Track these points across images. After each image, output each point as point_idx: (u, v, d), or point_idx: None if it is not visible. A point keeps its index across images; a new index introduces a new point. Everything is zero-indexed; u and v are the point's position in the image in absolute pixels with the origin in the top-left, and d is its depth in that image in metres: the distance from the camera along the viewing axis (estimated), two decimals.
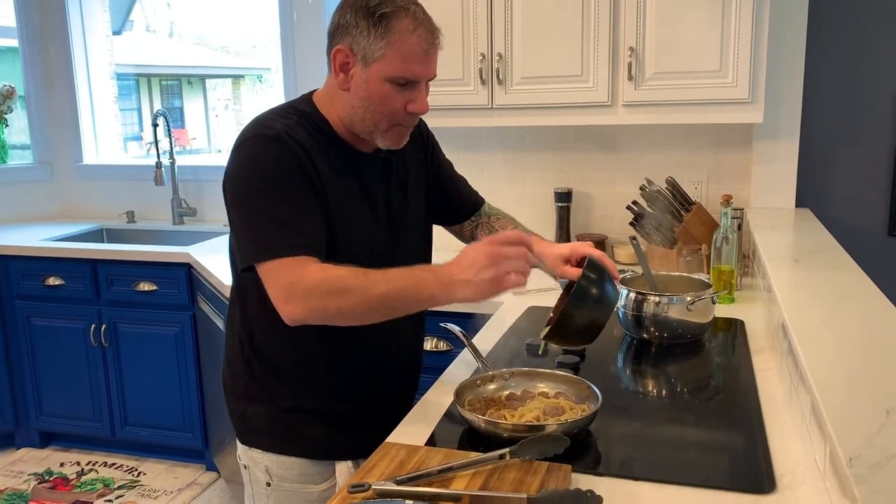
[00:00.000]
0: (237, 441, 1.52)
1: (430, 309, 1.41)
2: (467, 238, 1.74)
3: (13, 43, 3.80)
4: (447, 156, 1.71)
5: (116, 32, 4.26)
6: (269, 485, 1.46)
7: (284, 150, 1.30)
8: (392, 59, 1.29)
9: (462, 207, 1.71)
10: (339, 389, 1.47)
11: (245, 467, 1.51)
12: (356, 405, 1.49)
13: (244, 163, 1.32)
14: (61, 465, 3.33)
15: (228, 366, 1.53)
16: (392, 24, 1.28)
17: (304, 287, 1.24)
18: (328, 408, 1.46)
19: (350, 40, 1.30)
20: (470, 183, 1.75)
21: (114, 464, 3.32)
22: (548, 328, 1.49)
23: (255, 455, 1.47)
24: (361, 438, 1.43)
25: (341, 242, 1.37)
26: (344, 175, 1.39)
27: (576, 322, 1.43)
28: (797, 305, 1.49)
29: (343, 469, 1.47)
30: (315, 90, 1.46)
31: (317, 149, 1.35)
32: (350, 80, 1.33)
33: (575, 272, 1.47)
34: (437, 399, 1.49)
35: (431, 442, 1.30)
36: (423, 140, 1.61)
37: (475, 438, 1.30)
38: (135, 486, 3.12)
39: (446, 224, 1.73)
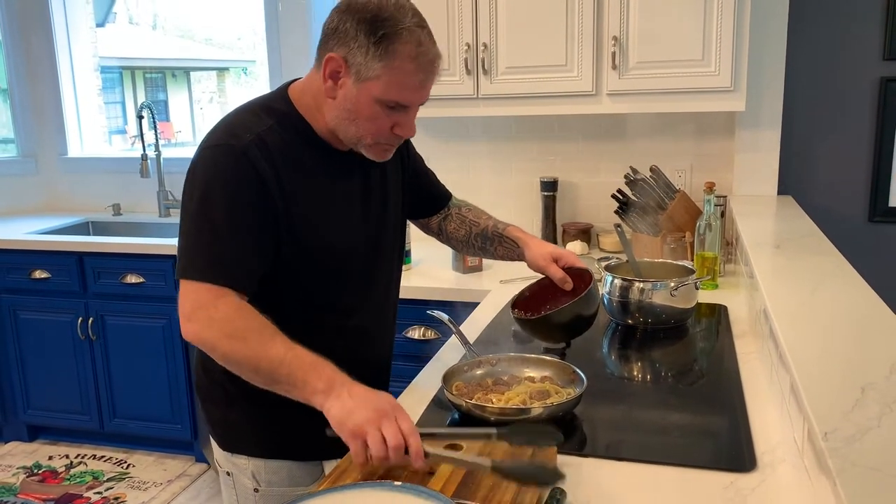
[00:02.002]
0: (215, 446, 1.48)
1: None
2: (433, 231, 1.72)
3: None
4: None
5: (99, 25, 4.23)
6: (256, 490, 1.42)
7: (248, 167, 1.24)
8: (387, 83, 1.23)
9: (433, 201, 1.69)
10: None
11: (228, 474, 1.46)
12: None
13: (205, 170, 1.27)
14: (50, 458, 3.33)
15: (204, 370, 1.45)
16: (394, 48, 1.21)
17: (210, 316, 1.20)
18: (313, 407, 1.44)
19: (346, 51, 1.23)
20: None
21: (102, 456, 3.32)
22: (519, 311, 1.63)
23: (240, 461, 1.43)
24: None
25: (320, 248, 1.34)
26: (321, 176, 1.35)
27: (565, 319, 1.56)
28: (778, 290, 1.51)
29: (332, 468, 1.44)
30: (290, 82, 1.39)
31: (291, 154, 1.30)
32: (338, 90, 1.27)
33: (560, 273, 1.57)
34: (425, 384, 1.51)
35: (420, 425, 1.32)
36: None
37: (463, 422, 1.32)
38: (124, 479, 3.13)
39: (415, 217, 1.70)
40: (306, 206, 1.32)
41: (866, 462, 0.80)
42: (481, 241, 1.67)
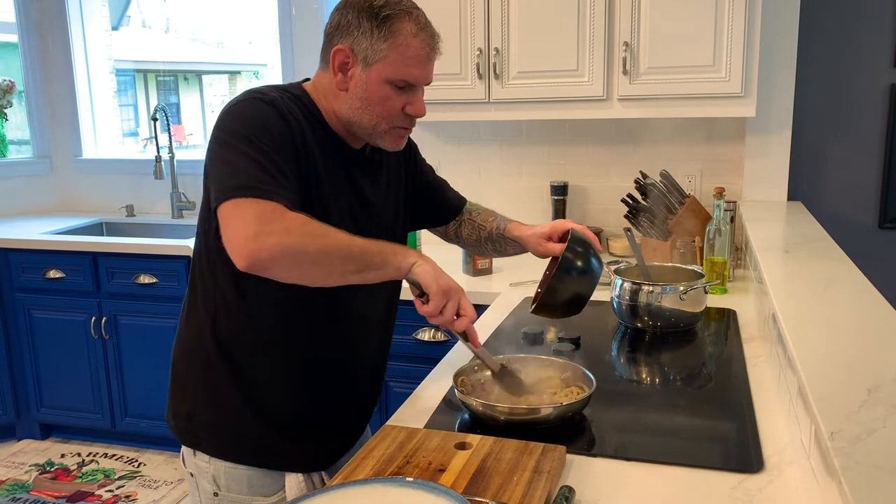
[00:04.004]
0: (181, 445, 1.45)
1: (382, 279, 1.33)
2: (452, 238, 1.74)
3: (12, 38, 3.82)
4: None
5: (114, 28, 4.29)
6: (216, 495, 1.40)
7: (277, 115, 1.27)
8: (394, 61, 1.29)
9: (446, 210, 1.70)
10: (301, 392, 1.41)
11: (191, 475, 1.44)
12: (315, 411, 1.44)
13: (235, 117, 1.27)
14: (62, 456, 3.36)
15: (183, 355, 1.44)
16: (396, 27, 1.28)
17: (285, 227, 1.16)
18: (285, 412, 1.41)
19: (351, 41, 1.29)
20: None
21: (114, 455, 3.35)
22: (535, 303, 1.55)
23: (202, 463, 1.41)
24: (315, 449, 1.42)
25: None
26: (332, 161, 1.36)
27: (563, 293, 1.49)
28: (787, 293, 1.52)
29: (293, 482, 1.40)
30: (304, 80, 1.42)
31: (308, 128, 1.32)
32: (349, 81, 1.32)
33: (558, 247, 1.52)
34: (436, 385, 1.53)
35: (430, 425, 1.34)
36: (405, 145, 1.56)
37: (473, 422, 1.34)
38: (135, 477, 3.15)
39: (430, 226, 1.72)
40: (315, 175, 1.32)
41: (872, 461, 0.81)
42: (491, 244, 1.68)
